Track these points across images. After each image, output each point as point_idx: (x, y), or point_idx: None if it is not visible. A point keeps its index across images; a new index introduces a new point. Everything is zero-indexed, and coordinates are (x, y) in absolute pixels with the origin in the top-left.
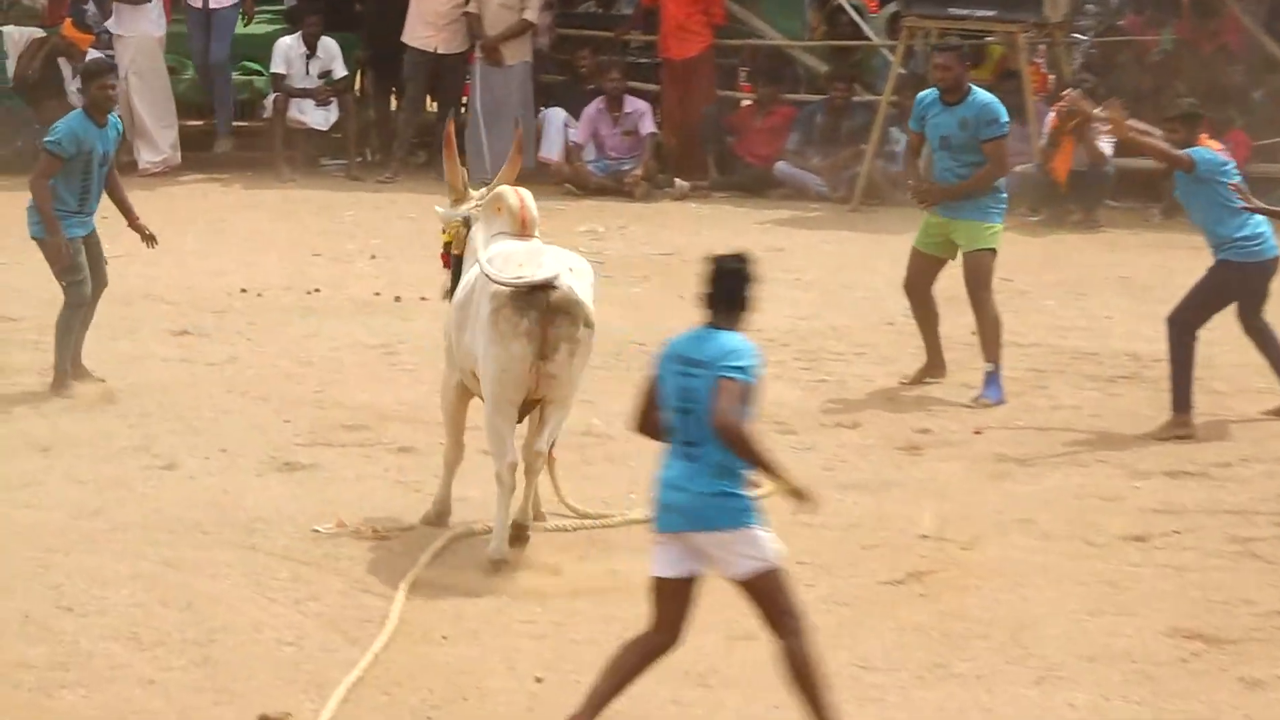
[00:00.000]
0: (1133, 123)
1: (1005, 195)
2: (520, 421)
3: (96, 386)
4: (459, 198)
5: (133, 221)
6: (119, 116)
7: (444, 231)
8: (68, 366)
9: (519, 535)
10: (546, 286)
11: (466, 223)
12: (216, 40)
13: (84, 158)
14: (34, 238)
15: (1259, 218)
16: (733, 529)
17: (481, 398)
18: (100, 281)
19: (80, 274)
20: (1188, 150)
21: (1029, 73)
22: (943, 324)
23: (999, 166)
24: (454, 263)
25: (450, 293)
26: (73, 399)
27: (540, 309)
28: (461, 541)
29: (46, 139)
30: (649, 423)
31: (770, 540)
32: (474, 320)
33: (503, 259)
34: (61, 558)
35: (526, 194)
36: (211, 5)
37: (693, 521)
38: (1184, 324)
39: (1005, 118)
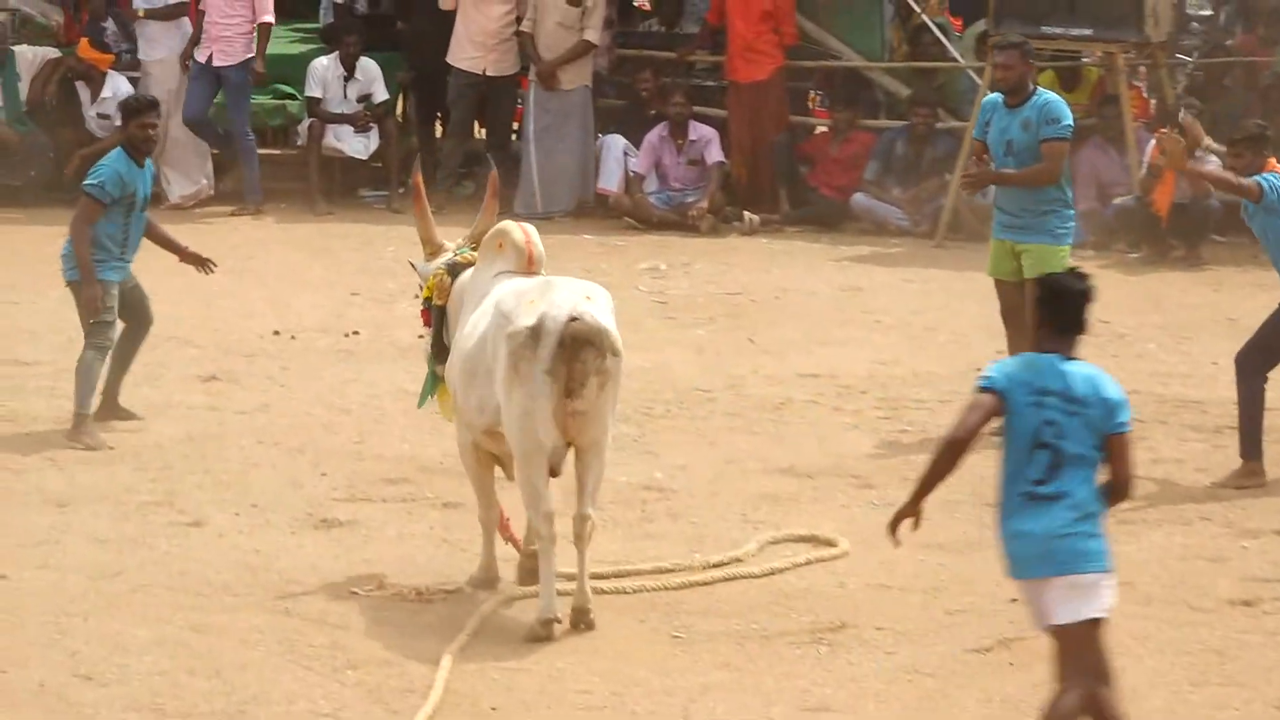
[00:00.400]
0: (1208, 142)
1: (1073, 214)
2: (555, 475)
3: (115, 435)
4: (434, 251)
5: (183, 255)
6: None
7: (422, 286)
8: (89, 410)
9: (581, 620)
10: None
11: (452, 271)
12: (234, 108)
13: (126, 201)
14: (69, 282)
15: None
16: (1092, 573)
17: (500, 458)
18: (145, 320)
19: (110, 317)
20: (1255, 177)
21: (1129, 97)
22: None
23: (1054, 167)
24: (436, 317)
25: (437, 352)
26: (94, 448)
27: (565, 343)
28: (511, 604)
29: (87, 182)
30: (964, 447)
31: (1111, 589)
32: (489, 370)
33: (514, 297)
34: (80, 622)
35: (531, 228)
36: (215, 63)
37: (1054, 566)
38: (1252, 366)
39: (1068, 119)
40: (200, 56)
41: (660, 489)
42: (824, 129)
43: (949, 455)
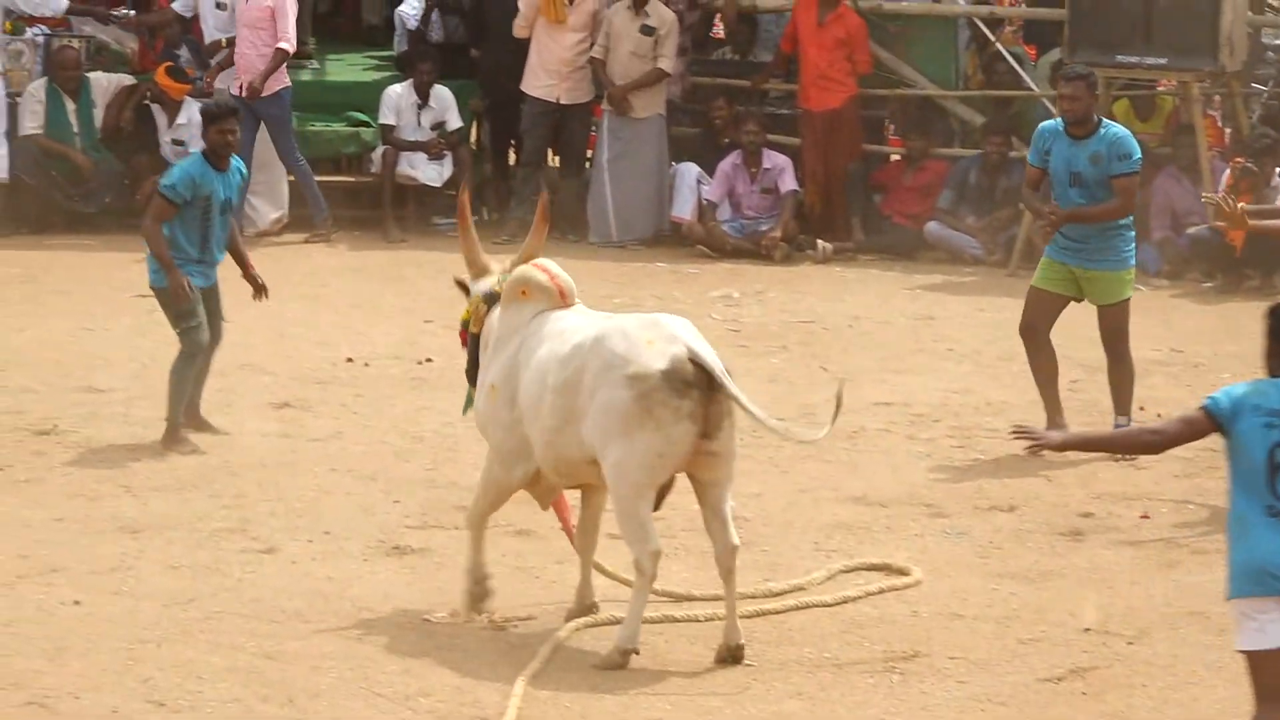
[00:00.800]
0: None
1: (1134, 235)
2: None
3: (189, 461)
4: (479, 271)
5: (247, 271)
6: (243, 160)
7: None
8: (180, 419)
9: (732, 655)
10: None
11: (489, 300)
12: (278, 141)
13: (201, 203)
14: (153, 287)
15: None
16: None
17: (575, 489)
18: (215, 335)
19: (196, 320)
20: None
21: (1203, 126)
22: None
23: (1128, 202)
24: (472, 342)
25: (471, 375)
26: (190, 451)
27: (702, 386)
28: (586, 632)
29: (162, 181)
30: (1155, 451)
31: None
32: (572, 410)
33: (621, 337)
34: (153, 649)
35: (549, 263)
36: (247, 97)
37: None
38: None
39: (1138, 154)
40: (234, 89)
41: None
42: (897, 157)
43: (1135, 446)
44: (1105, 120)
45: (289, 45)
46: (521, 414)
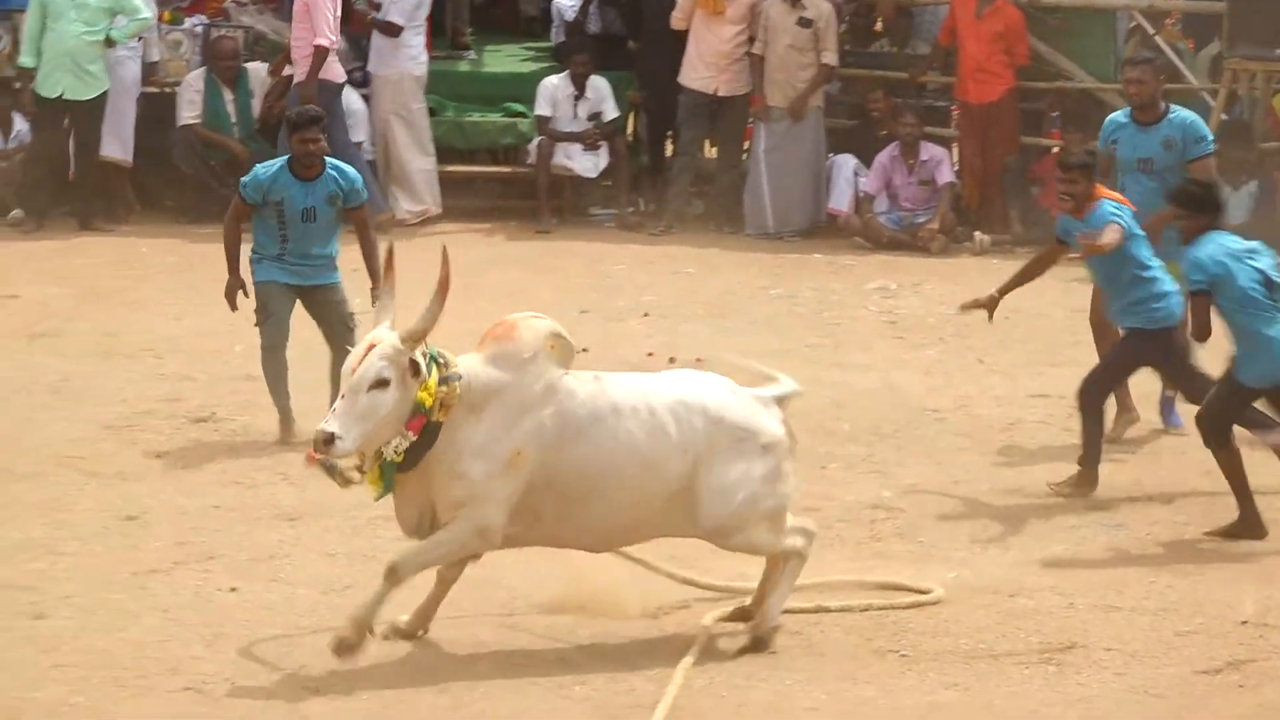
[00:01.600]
0: None
1: None
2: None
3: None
4: (414, 343)
5: (374, 290)
6: (356, 169)
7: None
8: (288, 406)
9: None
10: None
11: (446, 382)
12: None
13: (274, 207)
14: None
15: None
16: None
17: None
18: (335, 340)
19: (264, 315)
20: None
21: None
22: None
23: None
24: (432, 431)
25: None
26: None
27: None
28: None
29: (243, 179)
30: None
31: None
32: (671, 483)
33: (727, 408)
34: (310, 637)
35: (521, 321)
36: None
37: None
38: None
39: (1211, 135)
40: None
41: (888, 508)
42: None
43: None
44: (1173, 106)
45: (324, 41)
46: (549, 485)
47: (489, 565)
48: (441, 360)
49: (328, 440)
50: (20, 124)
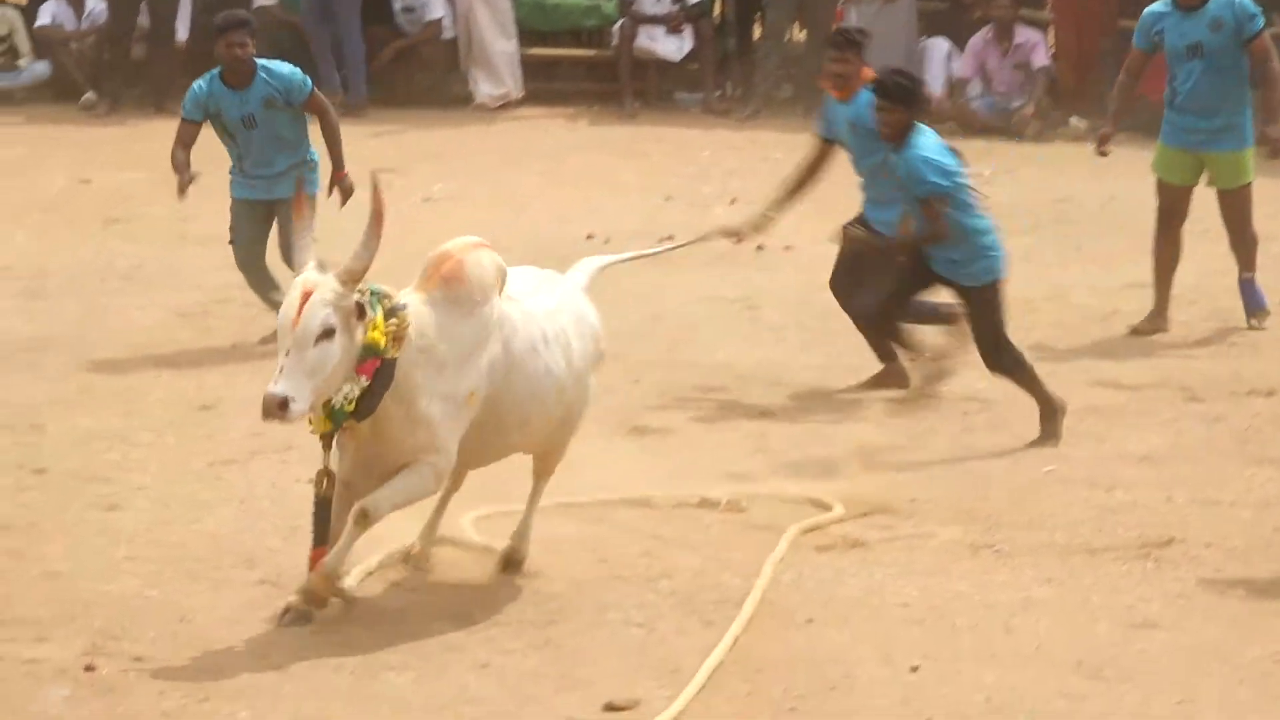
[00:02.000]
0: None
1: (1251, 110)
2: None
3: None
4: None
5: (336, 176)
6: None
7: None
8: (270, 301)
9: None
10: None
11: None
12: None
13: (219, 122)
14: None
15: None
16: None
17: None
18: (287, 251)
19: (233, 235)
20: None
21: None
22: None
23: (1275, 61)
24: (385, 372)
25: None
26: None
27: None
28: (830, 518)
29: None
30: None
31: None
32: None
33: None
34: (383, 526)
35: (467, 259)
36: None
37: None
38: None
39: (1259, 10)
40: None
41: (983, 400)
42: None
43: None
44: None
45: None
46: (486, 419)
47: (576, 462)
48: (381, 293)
49: (281, 405)
50: (94, 3)
